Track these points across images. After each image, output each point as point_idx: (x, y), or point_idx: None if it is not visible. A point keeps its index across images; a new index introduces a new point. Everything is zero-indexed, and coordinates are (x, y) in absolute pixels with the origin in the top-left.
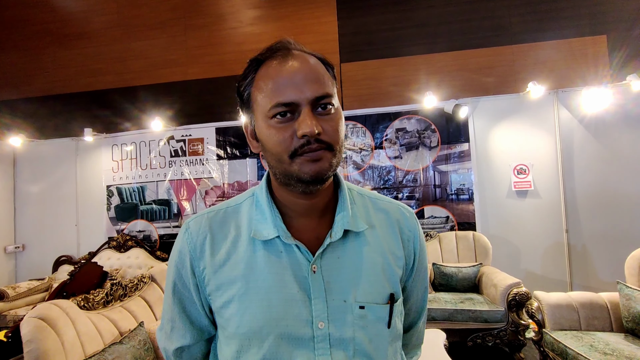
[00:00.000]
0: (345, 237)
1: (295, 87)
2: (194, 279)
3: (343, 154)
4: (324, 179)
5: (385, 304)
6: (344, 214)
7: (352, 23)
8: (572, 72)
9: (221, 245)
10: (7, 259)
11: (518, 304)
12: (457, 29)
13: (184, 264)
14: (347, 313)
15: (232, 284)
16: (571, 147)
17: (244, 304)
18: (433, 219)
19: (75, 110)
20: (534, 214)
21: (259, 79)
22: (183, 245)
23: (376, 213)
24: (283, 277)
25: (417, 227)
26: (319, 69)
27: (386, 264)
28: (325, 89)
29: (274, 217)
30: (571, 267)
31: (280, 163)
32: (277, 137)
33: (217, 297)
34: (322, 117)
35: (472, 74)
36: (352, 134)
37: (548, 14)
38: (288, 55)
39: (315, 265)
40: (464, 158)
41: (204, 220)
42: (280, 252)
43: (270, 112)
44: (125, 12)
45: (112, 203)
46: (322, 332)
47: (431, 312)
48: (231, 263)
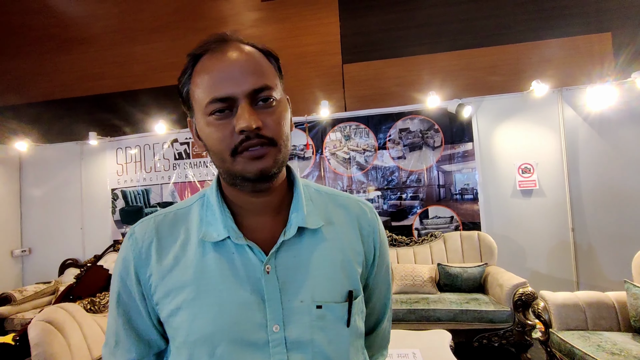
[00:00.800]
0: (301, 235)
1: (231, 80)
2: (140, 288)
3: (290, 147)
4: (270, 176)
5: (344, 302)
6: (299, 212)
7: (354, 24)
8: (576, 70)
9: (169, 249)
10: (14, 262)
11: (524, 304)
12: (460, 28)
13: (128, 272)
14: (304, 314)
15: (181, 290)
16: (576, 146)
17: (194, 309)
18: (437, 219)
19: (79, 114)
20: (540, 213)
21: (196, 75)
22: (127, 252)
23: (335, 209)
24: (235, 279)
25: (377, 223)
26: (258, 60)
27: (345, 261)
28: (264, 81)
29: (225, 217)
30: (577, 266)
31: (223, 162)
32: (216, 134)
33: (166, 305)
34: (263, 111)
35: (475, 73)
36: (355, 135)
37: (552, 12)
38: (224, 47)
39: (269, 266)
40: (468, 158)
41: (150, 224)
42: (232, 253)
43: (208, 108)
44: (126, 16)
45: (117, 206)
46: (278, 336)
47: (436, 312)
48: (180, 268)
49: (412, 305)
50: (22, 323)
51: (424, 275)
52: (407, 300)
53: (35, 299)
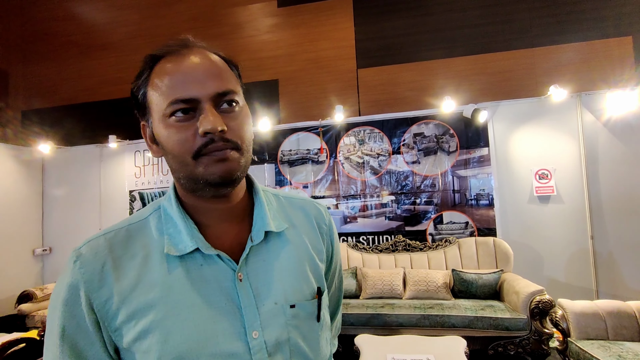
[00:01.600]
0: (267, 239)
1: (196, 82)
2: (93, 315)
3: (251, 153)
4: (234, 180)
5: (314, 299)
6: (263, 216)
7: (368, 29)
8: (595, 74)
9: (127, 269)
10: (35, 261)
11: (541, 312)
12: (475, 33)
13: (76, 300)
14: (280, 315)
15: (147, 311)
16: (596, 151)
17: (165, 329)
18: (452, 225)
19: (100, 117)
20: (557, 220)
21: (155, 77)
22: (74, 277)
23: (294, 211)
24: (207, 291)
25: (332, 221)
26: (221, 65)
27: (311, 260)
28: (228, 85)
29: (189, 228)
30: (597, 274)
31: (183, 166)
32: (177, 136)
33: (130, 329)
34: (227, 115)
35: (491, 77)
36: (369, 139)
37: (569, 16)
38: (187, 51)
39: (241, 273)
40: (484, 163)
41: (100, 243)
42: (201, 265)
43: (168, 109)
44: (146, 23)
45: (134, 207)
46: (258, 342)
47: (451, 318)
48: (143, 287)
49: (426, 310)
50: (43, 320)
51: (438, 280)
52: (420, 306)
53: None
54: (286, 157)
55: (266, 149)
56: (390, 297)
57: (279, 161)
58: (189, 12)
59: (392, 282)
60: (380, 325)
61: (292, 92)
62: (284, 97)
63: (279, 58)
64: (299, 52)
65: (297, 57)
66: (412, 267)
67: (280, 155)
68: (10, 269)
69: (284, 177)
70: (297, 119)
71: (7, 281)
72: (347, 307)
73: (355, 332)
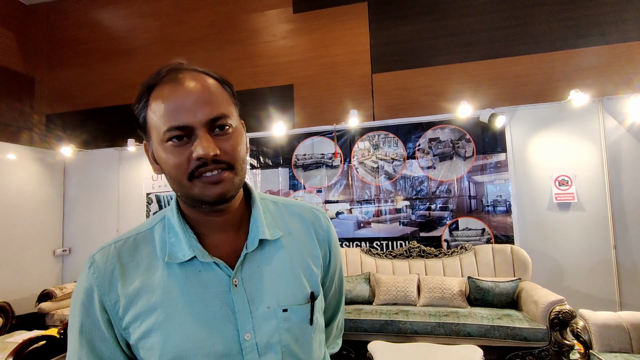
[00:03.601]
0: (262, 246)
1: (188, 110)
2: (105, 315)
3: (246, 169)
4: (227, 200)
5: (307, 303)
6: (258, 225)
7: (383, 34)
8: (617, 78)
9: (134, 274)
10: (55, 261)
11: (561, 322)
12: (492, 37)
13: (91, 301)
14: (272, 319)
15: (150, 313)
16: (619, 158)
17: (166, 330)
18: (468, 231)
19: (120, 121)
20: (578, 228)
21: (152, 103)
22: (89, 281)
23: (291, 218)
24: (204, 296)
25: (330, 226)
26: (212, 89)
27: (305, 265)
28: (220, 109)
29: (188, 238)
30: (620, 285)
31: (180, 186)
32: (173, 160)
33: (135, 329)
34: (220, 138)
35: (508, 82)
36: (383, 144)
37: (589, 19)
38: (179, 77)
39: (236, 279)
40: (501, 168)
41: (111, 250)
42: (199, 271)
43: (165, 136)
44: (166, 29)
45: (151, 210)
46: (250, 343)
47: (467, 327)
48: (147, 291)
49: (441, 318)
50: (62, 319)
51: (453, 288)
52: (435, 313)
53: None
54: (300, 161)
55: (280, 153)
56: (405, 303)
57: (293, 165)
58: (207, 18)
59: (406, 289)
60: (394, 332)
61: (307, 97)
62: (299, 102)
63: (294, 63)
64: (314, 57)
65: (312, 62)
66: (427, 274)
67: (295, 160)
68: (32, 269)
69: (297, 181)
70: (312, 124)
71: (28, 280)
72: (360, 312)
73: (368, 339)
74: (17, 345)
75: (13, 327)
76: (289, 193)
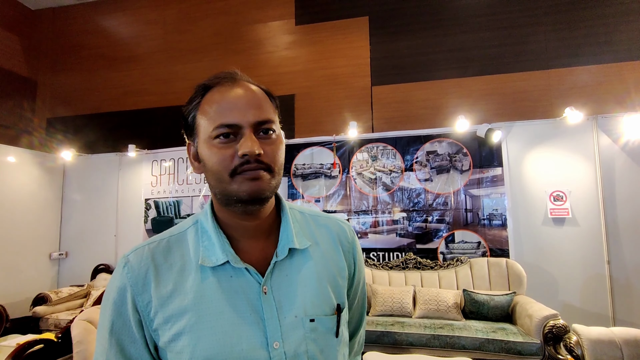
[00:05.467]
0: (291, 255)
1: (239, 110)
2: (137, 315)
3: (281, 176)
4: (263, 199)
5: (333, 315)
6: (288, 233)
7: (383, 48)
8: (611, 97)
9: (167, 275)
10: (51, 265)
11: (555, 337)
12: (490, 54)
13: (124, 301)
14: (299, 328)
15: (181, 315)
16: (612, 175)
17: (196, 333)
18: (464, 244)
19: (121, 127)
20: (573, 243)
21: (205, 103)
22: (123, 281)
23: (318, 229)
24: (235, 301)
25: (355, 238)
26: (261, 98)
27: (331, 277)
28: (267, 115)
29: (222, 242)
30: (613, 301)
31: (220, 182)
32: (218, 156)
33: (166, 331)
34: (264, 141)
35: (505, 98)
36: (382, 156)
37: (584, 39)
38: (233, 83)
39: (266, 287)
40: (497, 183)
41: (145, 251)
42: (230, 276)
43: (213, 132)
44: (170, 37)
45: (149, 216)
46: (278, 352)
47: (461, 339)
48: (179, 293)
49: (436, 330)
50: (56, 323)
51: (448, 300)
52: (430, 325)
53: (69, 300)
54: (299, 170)
55: None
56: (400, 315)
57: (292, 175)
58: (211, 28)
59: (402, 300)
60: (390, 344)
61: (308, 107)
62: (300, 112)
63: (295, 74)
64: (315, 69)
65: (313, 74)
66: (423, 286)
67: (294, 169)
68: (27, 272)
69: (296, 190)
70: (312, 134)
71: (23, 283)
72: None
73: (364, 350)
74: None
75: (7, 331)
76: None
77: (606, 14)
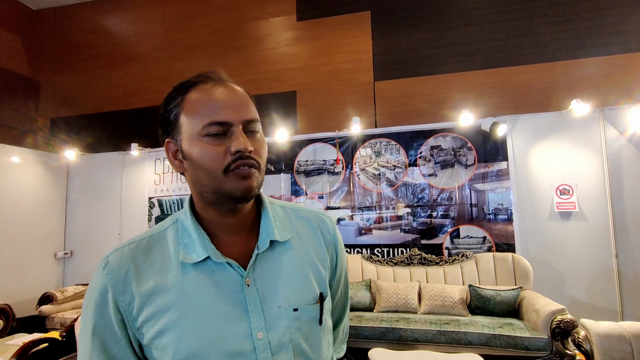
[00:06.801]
0: (272, 247)
1: (230, 108)
2: (119, 315)
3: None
4: (252, 196)
5: (316, 304)
6: (269, 226)
7: (386, 42)
8: (618, 89)
9: (148, 274)
10: (56, 264)
11: (563, 332)
12: (494, 46)
13: (105, 302)
14: (283, 318)
15: (164, 312)
16: (620, 167)
17: (180, 329)
18: (469, 239)
19: (123, 126)
20: (580, 237)
21: (190, 101)
22: (103, 282)
23: (299, 222)
24: (217, 295)
25: (336, 230)
26: (247, 98)
27: (313, 267)
28: (254, 114)
29: (202, 239)
30: (622, 295)
31: (213, 180)
32: (210, 153)
33: (149, 329)
34: (252, 138)
35: (510, 91)
36: (385, 151)
37: (590, 30)
38: (220, 82)
39: (249, 279)
40: (502, 177)
41: (125, 252)
42: (212, 271)
43: (204, 130)
44: (171, 35)
45: (152, 214)
46: (262, 342)
47: (467, 335)
48: (161, 291)
49: (442, 326)
50: (62, 322)
51: (454, 296)
52: (436, 321)
53: (75, 299)
54: (302, 167)
55: (283, 159)
56: (405, 311)
57: (295, 171)
58: (212, 25)
59: (407, 296)
60: (395, 340)
61: (310, 104)
62: (302, 109)
63: (297, 70)
64: (316, 65)
65: (315, 70)
66: (428, 281)
67: (297, 166)
68: (33, 271)
69: (299, 187)
70: (314, 130)
71: (29, 283)
72: (361, 319)
73: (369, 346)
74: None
75: (13, 330)
76: (291, 199)
77: (616, 4)
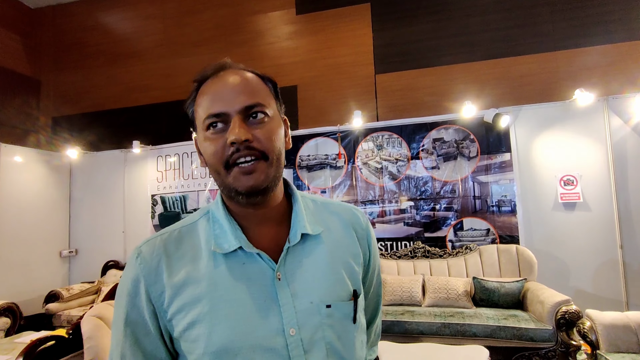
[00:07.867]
0: (304, 241)
1: (224, 98)
2: (151, 306)
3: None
4: (262, 190)
5: (349, 301)
6: (300, 219)
7: (386, 35)
8: (623, 77)
9: (179, 265)
10: (62, 262)
11: (568, 323)
12: (496, 36)
13: (137, 292)
14: (315, 314)
15: (195, 304)
16: (624, 157)
17: (211, 321)
18: (472, 232)
19: (125, 123)
20: (584, 228)
21: (198, 97)
22: (136, 272)
23: (330, 216)
24: (249, 288)
25: (369, 225)
26: (253, 82)
27: (346, 263)
28: (256, 99)
29: (234, 229)
30: (627, 285)
31: (218, 175)
32: (210, 148)
33: (180, 320)
34: (254, 126)
35: (513, 82)
36: (387, 145)
37: (594, 18)
38: (222, 73)
39: (280, 273)
40: (506, 168)
41: (157, 242)
42: (243, 263)
43: (205, 123)
44: (171, 31)
45: (156, 211)
46: (295, 339)
47: (472, 327)
48: (192, 282)
49: (446, 319)
50: (69, 319)
51: (458, 288)
52: (441, 314)
53: (81, 297)
54: (304, 162)
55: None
56: (410, 304)
57: (297, 166)
58: (212, 20)
59: (412, 289)
60: (400, 333)
61: (311, 98)
62: (303, 103)
63: (297, 64)
64: (317, 59)
65: (316, 63)
66: (432, 274)
67: (299, 161)
68: (39, 270)
69: (302, 182)
70: (316, 125)
71: (35, 281)
72: None
73: None
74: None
75: (21, 328)
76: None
77: None
